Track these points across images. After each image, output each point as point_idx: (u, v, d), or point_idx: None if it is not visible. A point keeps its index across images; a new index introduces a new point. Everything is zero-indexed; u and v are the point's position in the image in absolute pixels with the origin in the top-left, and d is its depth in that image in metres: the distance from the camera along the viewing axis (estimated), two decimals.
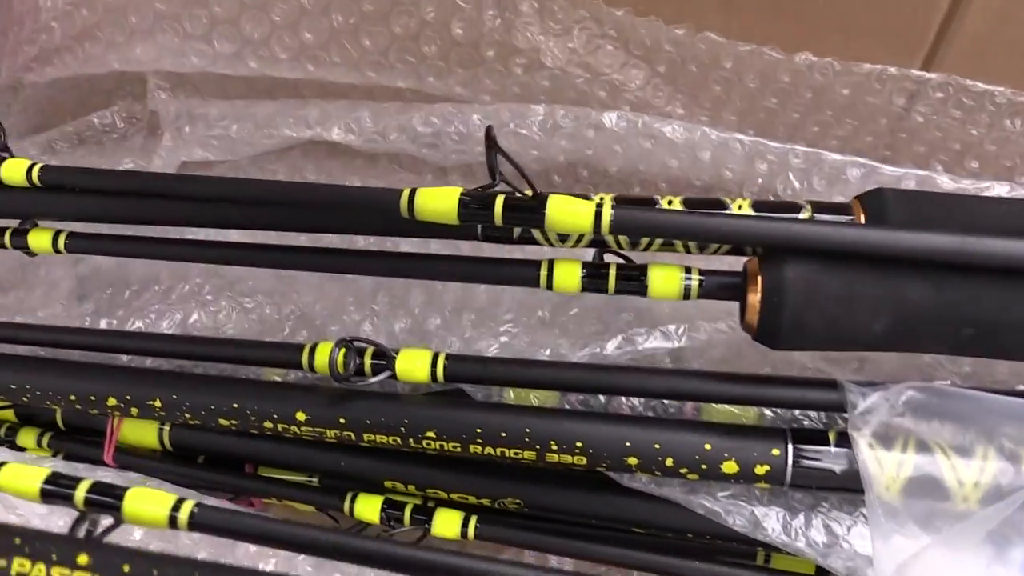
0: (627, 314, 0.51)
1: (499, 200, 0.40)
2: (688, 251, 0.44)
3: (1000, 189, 0.51)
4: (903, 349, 0.41)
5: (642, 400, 0.48)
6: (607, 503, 0.48)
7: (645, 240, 0.44)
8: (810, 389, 0.44)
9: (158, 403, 0.49)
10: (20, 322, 0.56)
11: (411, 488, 0.51)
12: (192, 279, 0.55)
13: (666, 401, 0.48)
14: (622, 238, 0.44)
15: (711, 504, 0.46)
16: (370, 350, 0.47)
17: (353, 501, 0.51)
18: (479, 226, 0.45)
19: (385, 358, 0.47)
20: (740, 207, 0.43)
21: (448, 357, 0.46)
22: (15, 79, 0.56)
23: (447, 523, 0.50)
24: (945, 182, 0.51)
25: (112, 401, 0.49)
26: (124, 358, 0.54)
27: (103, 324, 0.56)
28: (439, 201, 0.40)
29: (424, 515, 0.50)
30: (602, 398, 0.49)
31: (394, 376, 0.46)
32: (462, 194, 0.40)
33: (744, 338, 0.49)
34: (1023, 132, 0.50)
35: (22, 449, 0.57)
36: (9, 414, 0.58)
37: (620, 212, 0.39)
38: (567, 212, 0.39)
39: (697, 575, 0.48)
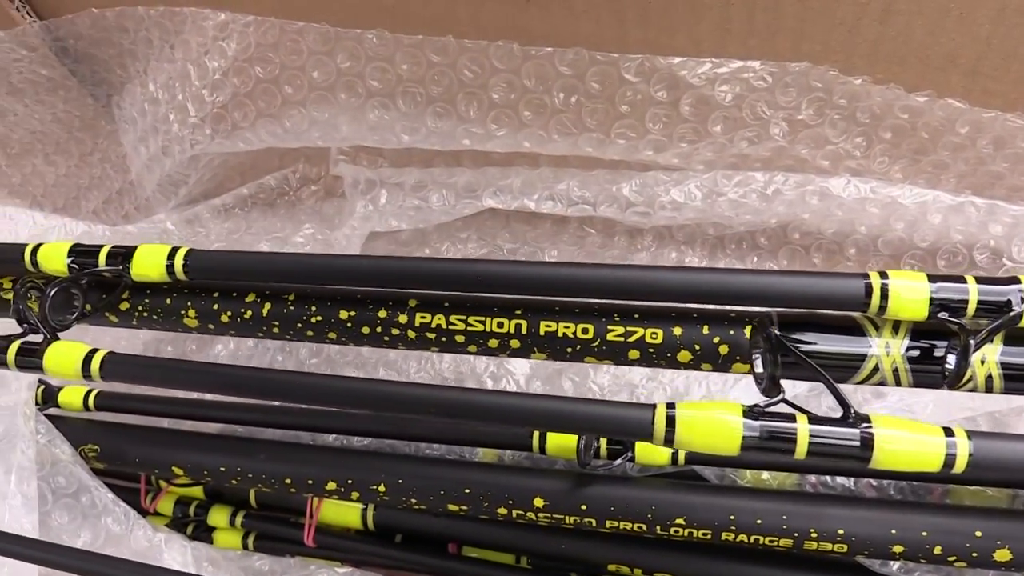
0: None
1: (802, 429, 0.34)
2: None
3: None
4: None
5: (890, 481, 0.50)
6: None
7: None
8: None
9: (383, 487, 0.51)
10: (215, 400, 0.59)
11: (636, 572, 0.53)
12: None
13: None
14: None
15: None
16: None
17: None
18: None
19: (622, 441, 0.49)
20: None
21: None
22: (201, 151, 0.59)
23: None
24: None
25: (332, 485, 0.51)
26: (330, 437, 0.56)
27: None
28: (712, 433, 0.34)
29: None
30: (845, 480, 0.50)
31: (632, 459, 0.48)
32: (745, 416, 0.34)
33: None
34: None
35: (212, 528, 0.59)
36: (198, 491, 0.60)
37: (982, 443, 0.33)
38: (907, 451, 0.33)
39: None
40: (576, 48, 0.50)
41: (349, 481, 0.51)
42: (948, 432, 0.32)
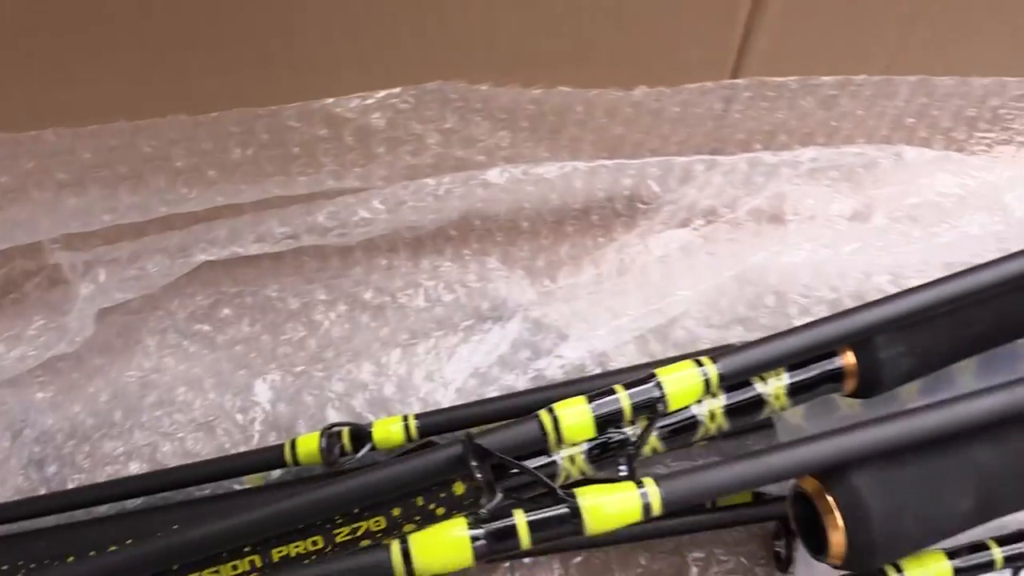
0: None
1: (520, 521, 0.37)
2: None
3: (807, 154, 0.68)
4: (992, 517, 0.42)
5: None
6: None
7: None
8: None
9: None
10: None
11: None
12: (150, 412, 0.62)
13: None
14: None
15: None
16: (346, 431, 0.56)
17: None
18: None
19: (362, 433, 0.56)
20: None
21: (417, 416, 0.57)
22: None
23: None
24: (768, 157, 0.67)
25: None
26: (103, 508, 0.60)
27: (70, 484, 0.62)
28: (445, 552, 0.37)
29: None
30: None
31: (374, 447, 0.56)
32: (470, 527, 0.37)
33: None
34: (815, 106, 0.67)
35: None
36: None
37: (669, 486, 0.37)
38: (610, 512, 0.37)
39: None
40: (239, 108, 0.57)
41: None
42: (639, 484, 0.37)
